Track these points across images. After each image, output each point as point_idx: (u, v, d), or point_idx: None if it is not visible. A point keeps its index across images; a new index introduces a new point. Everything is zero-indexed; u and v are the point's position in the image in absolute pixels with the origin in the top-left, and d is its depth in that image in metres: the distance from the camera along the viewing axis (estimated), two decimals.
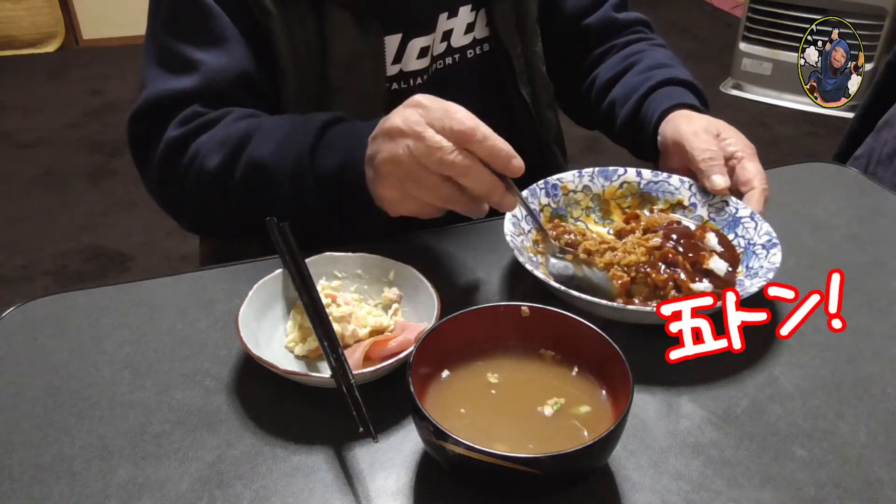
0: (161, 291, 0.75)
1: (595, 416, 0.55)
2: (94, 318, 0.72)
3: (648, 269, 0.70)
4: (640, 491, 0.55)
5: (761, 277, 0.67)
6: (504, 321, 0.60)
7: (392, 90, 0.87)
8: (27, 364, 0.66)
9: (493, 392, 0.57)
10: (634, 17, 1.03)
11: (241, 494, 0.54)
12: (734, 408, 0.62)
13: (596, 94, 1.00)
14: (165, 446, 0.58)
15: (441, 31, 0.89)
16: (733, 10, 4.03)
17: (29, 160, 2.75)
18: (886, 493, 0.55)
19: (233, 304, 0.71)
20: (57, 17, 3.64)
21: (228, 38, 0.81)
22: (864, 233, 0.85)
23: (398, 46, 0.86)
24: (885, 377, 0.65)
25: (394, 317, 0.69)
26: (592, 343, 0.57)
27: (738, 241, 0.75)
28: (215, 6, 0.80)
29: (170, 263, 2.19)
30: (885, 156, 1.17)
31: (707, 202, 0.79)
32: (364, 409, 0.55)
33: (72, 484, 0.55)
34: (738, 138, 0.81)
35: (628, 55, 0.98)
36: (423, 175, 0.64)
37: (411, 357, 0.54)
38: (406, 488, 0.55)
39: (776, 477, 0.56)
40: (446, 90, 0.91)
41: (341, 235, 0.80)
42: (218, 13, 0.80)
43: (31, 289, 2.12)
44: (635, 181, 0.83)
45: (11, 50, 3.61)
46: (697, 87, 0.92)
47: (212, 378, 0.64)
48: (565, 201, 0.82)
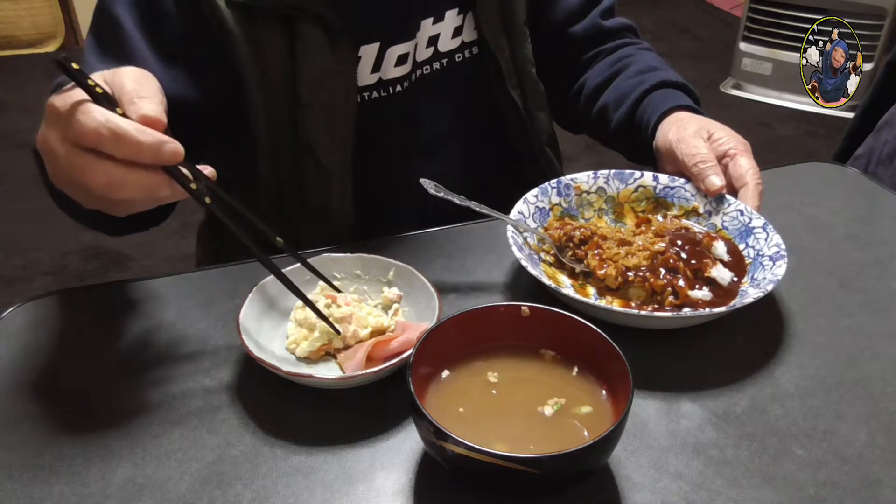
0: (161, 291, 0.75)
1: (595, 416, 0.55)
2: (94, 318, 0.72)
3: (648, 273, 0.70)
4: (640, 491, 0.55)
5: (761, 289, 0.66)
6: (504, 321, 0.60)
7: (371, 99, 0.86)
8: (27, 364, 0.66)
9: (493, 392, 0.57)
10: (621, 24, 1.03)
11: (241, 494, 0.54)
12: (734, 408, 0.62)
13: (585, 100, 0.99)
14: (165, 446, 0.58)
15: (426, 36, 0.88)
16: (733, 10, 4.02)
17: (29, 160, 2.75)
18: (886, 493, 0.55)
19: (233, 304, 0.71)
20: (57, 17, 3.63)
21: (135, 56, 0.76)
22: (864, 233, 0.85)
23: (376, 55, 0.84)
24: (885, 377, 0.65)
25: (394, 317, 0.69)
26: (592, 343, 0.57)
27: (749, 251, 0.74)
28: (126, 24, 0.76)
29: (169, 263, 2.19)
30: (885, 156, 1.17)
31: (722, 210, 0.79)
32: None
33: (72, 484, 0.55)
34: (730, 136, 0.81)
35: (616, 60, 0.98)
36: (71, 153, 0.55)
37: (411, 357, 0.54)
38: (406, 488, 0.55)
39: (776, 477, 0.56)
40: (431, 95, 0.91)
41: (310, 241, 0.80)
42: (130, 32, 0.76)
43: (31, 289, 2.12)
44: (651, 185, 0.83)
45: (11, 50, 3.61)
46: (690, 88, 0.92)
47: (212, 378, 0.64)
48: (577, 202, 0.82)
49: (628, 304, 0.70)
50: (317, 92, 0.81)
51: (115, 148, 0.53)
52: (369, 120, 0.85)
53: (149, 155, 0.54)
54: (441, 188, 0.74)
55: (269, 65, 0.79)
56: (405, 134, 0.92)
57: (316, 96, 0.81)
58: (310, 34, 0.78)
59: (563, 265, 0.75)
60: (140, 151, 0.53)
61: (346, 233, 0.87)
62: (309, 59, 0.79)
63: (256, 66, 0.79)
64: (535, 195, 0.79)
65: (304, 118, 0.82)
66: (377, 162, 0.89)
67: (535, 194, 0.79)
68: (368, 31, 0.83)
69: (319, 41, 0.79)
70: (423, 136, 0.92)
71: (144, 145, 0.53)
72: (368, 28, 0.83)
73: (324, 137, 0.82)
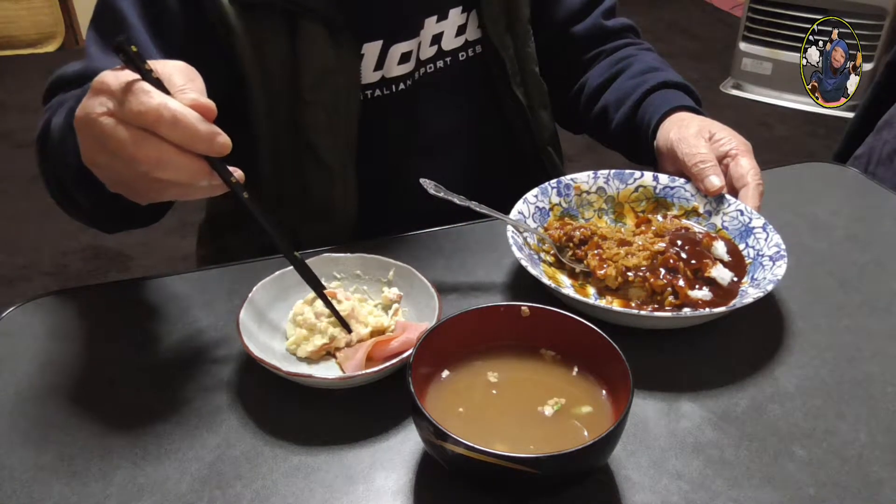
0: (161, 291, 0.75)
1: (595, 416, 0.55)
2: (94, 318, 0.72)
3: (647, 273, 0.70)
4: (640, 491, 0.55)
5: (761, 289, 0.66)
6: (504, 321, 0.60)
7: (374, 97, 0.86)
8: (27, 364, 0.66)
9: (493, 392, 0.57)
10: (623, 24, 1.03)
11: (241, 494, 0.54)
12: (734, 408, 0.62)
13: (586, 100, 1.00)
14: (165, 446, 0.58)
15: (430, 34, 0.88)
16: (733, 10, 4.03)
17: (29, 160, 2.73)
18: (886, 493, 0.55)
19: (233, 304, 0.71)
20: (57, 17, 3.64)
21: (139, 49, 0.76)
22: (864, 233, 0.85)
23: (379, 53, 0.84)
24: (885, 377, 0.65)
25: (394, 317, 0.69)
26: (592, 343, 0.57)
27: (749, 251, 0.74)
28: (130, 17, 0.76)
29: (169, 263, 2.19)
30: (885, 156, 1.17)
31: (722, 210, 0.79)
32: None
33: (72, 484, 0.55)
34: (731, 137, 0.81)
35: (617, 60, 0.98)
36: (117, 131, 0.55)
37: (411, 357, 0.54)
38: (406, 488, 0.55)
39: (776, 477, 0.56)
40: (433, 94, 0.91)
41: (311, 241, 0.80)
42: (133, 25, 0.76)
43: (31, 289, 2.12)
44: (651, 185, 0.83)
45: (11, 50, 3.61)
46: (691, 88, 0.92)
47: (212, 378, 0.64)
48: (577, 201, 0.82)
49: (628, 304, 0.70)
50: (318, 90, 0.81)
51: (172, 130, 0.53)
52: (372, 118, 0.85)
53: (202, 142, 0.54)
54: (441, 188, 0.74)
55: (271, 62, 0.79)
56: (407, 132, 0.92)
57: (317, 94, 0.81)
58: (312, 31, 0.78)
59: (563, 265, 0.75)
60: (195, 137, 0.54)
61: (346, 233, 0.87)
62: (311, 57, 0.79)
63: (258, 64, 0.79)
64: (535, 195, 0.79)
65: (305, 116, 0.82)
66: (379, 160, 0.89)
67: (535, 194, 0.79)
68: (371, 28, 0.83)
69: (322, 38, 0.79)
70: (425, 134, 0.92)
71: (201, 132, 0.54)
72: (371, 26, 0.83)
73: (325, 136, 0.82)
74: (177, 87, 0.56)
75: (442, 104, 0.93)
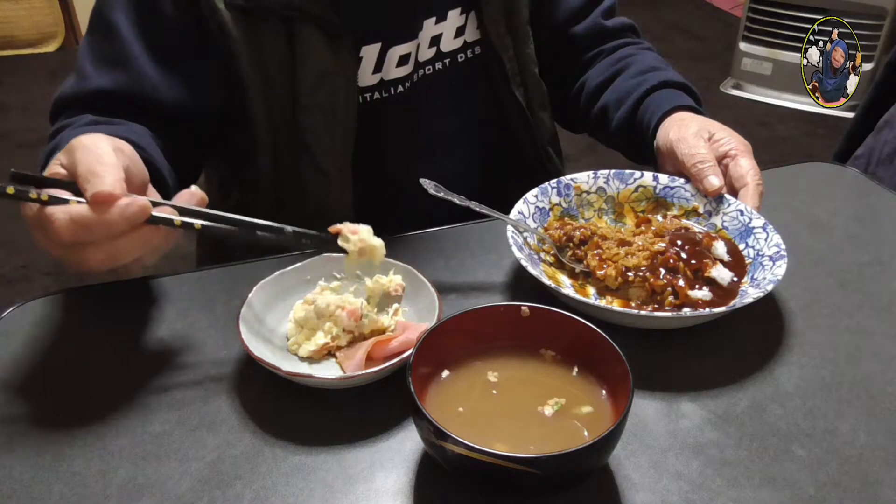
0: (161, 291, 0.75)
1: (595, 416, 0.55)
2: (94, 318, 0.72)
3: (647, 273, 0.70)
4: (640, 491, 0.55)
5: (761, 289, 0.66)
6: (504, 321, 0.60)
7: (372, 100, 0.86)
8: (27, 364, 0.66)
9: (493, 392, 0.57)
10: (622, 24, 1.03)
11: (241, 494, 0.54)
12: (734, 408, 0.62)
13: (586, 99, 1.00)
14: (165, 446, 0.58)
15: (428, 36, 0.88)
16: (733, 10, 4.03)
17: (29, 160, 2.75)
18: (886, 493, 0.55)
19: (233, 304, 0.71)
20: (57, 17, 3.64)
21: (130, 61, 0.77)
22: (864, 233, 0.85)
23: (378, 56, 0.84)
24: (885, 377, 0.65)
25: (394, 317, 0.69)
26: (592, 343, 0.57)
27: (749, 251, 0.74)
28: (123, 29, 0.77)
29: (169, 263, 2.18)
30: (885, 156, 1.17)
31: (722, 210, 0.78)
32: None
33: (72, 484, 0.55)
34: (731, 137, 0.81)
35: (617, 60, 0.98)
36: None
37: (411, 357, 0.54)
38: (406, 488, 0.55)
39: (776, 477, 0.56)
40: (432, 96, 0.91)
41: None
42: (125, 38, 0.77)
43: (31, 289, 2.12)
44: (651, 185, 0.83)
45: (11, 50, 3.61)
46: (691, 88, 0.92)
47: (212, 378, 0.64)
48: (577, 201, 0.82)
49: (628, 304, 0.70)
50: (316, 93, 0.81)
51: (90, 235, 0.55)
52: (370, 121, 0.85)
53: (119, 226, 0.55)
54: (441, 188, 0.74)
55: (269, 66, 0.79)
56: (406, 134, 0.91)
57: (315, 97, 0.81)
58: (310, 35, 0.78)
59: (563, 265, 0.75)
60: (111, 227, 0.55)
61: None
62: (309, 61, 0.79)
63: (256, 68, 0.79)
64: (535, 195, 0.79)
65: (303, 119, 0.82)
66: (378, 162, 0.88)
67: (535, 194, 0.79)
68: (369, 31, 0.83)
69: (320, 42, 0.79)
70: (424, 136, 0.92)
71: (111, 221, 0.55)
72: (369, 28, 0.83)
73: (323, 138, 0.82)
74: (82, 178, 0.56)
75: (441, 106, 0.93)
